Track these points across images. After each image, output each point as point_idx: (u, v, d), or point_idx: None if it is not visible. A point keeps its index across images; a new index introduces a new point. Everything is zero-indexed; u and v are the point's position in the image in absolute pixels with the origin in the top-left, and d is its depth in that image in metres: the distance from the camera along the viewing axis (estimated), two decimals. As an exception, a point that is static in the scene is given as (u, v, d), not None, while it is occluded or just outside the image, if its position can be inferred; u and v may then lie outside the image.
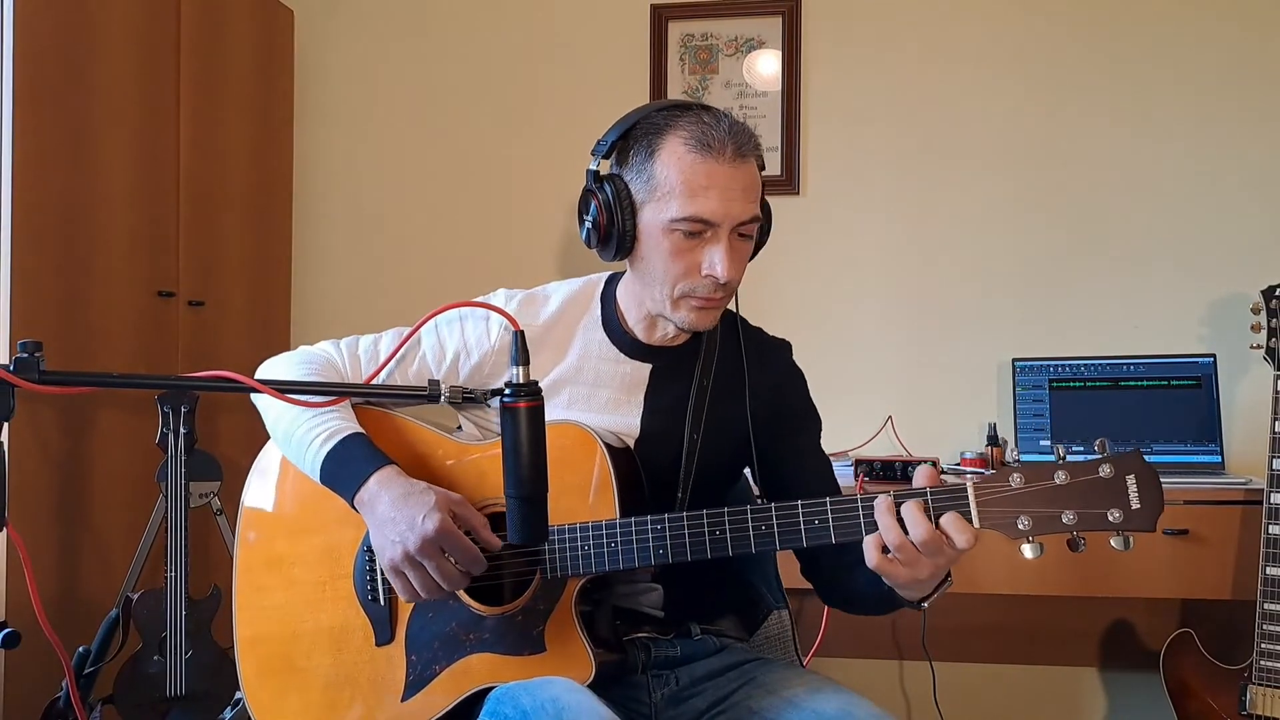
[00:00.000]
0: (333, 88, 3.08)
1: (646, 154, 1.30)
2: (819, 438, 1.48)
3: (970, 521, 1.14)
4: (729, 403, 1.42)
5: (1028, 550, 1.13)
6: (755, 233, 1.33)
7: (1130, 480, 1.13)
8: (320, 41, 3.08)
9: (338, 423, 1.29)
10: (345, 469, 1.26)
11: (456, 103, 3.02)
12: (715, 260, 1.27)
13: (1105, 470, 1.14)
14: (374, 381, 1.32)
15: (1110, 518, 1.12)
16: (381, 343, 1.42)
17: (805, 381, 1.49)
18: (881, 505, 1.15)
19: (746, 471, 1.52)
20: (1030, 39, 2.76)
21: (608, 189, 1.32)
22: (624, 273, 1.43)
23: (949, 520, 1.13)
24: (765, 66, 2.86)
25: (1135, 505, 1.12)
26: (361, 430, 1.30)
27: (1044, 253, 2.74)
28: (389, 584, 1.31)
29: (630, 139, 1.33)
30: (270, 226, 2.95)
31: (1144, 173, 2.70)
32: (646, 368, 1.41)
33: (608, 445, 1.30)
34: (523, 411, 1.10)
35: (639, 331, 1.41)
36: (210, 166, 2.66)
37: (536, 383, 1.12)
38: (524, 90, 2.98)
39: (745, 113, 2.83)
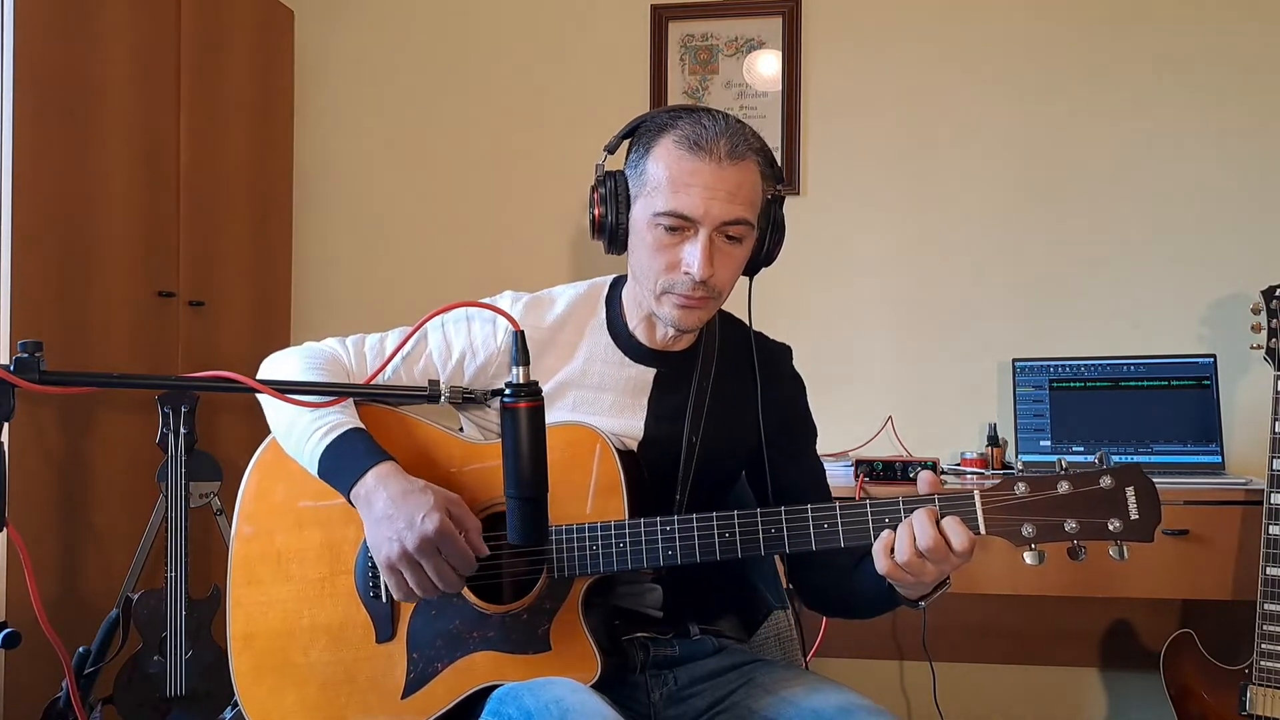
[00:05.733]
0: (333, 88, 3.08)
1: (643, 151, 1.32)
2: (815, 444, 1.51)
3: (977, 528, 1.17)
4: (732, 407, 1.43)
5: (1030, 558, 1.17)
6: (746, 237, 1.32)
7: (1130, 492, 1.17)
8: (320, 41, 3.08)
9: (338, 417, 1.29)
10: (343, 463, 1.26)
11: (456, 103, 3.02)
12: (691, 258, 1.28)
13: (1106, 482, 1.17)
14: (379, 378, 1.32)
15: (1110, 527, 1.16)
16: (387, 340, 1.43)
17: (805, 388, 1.51)
18: (911, 518, 1.17)
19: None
20: (1030, 39, 2.76)
21: (608, 183, 1.35)
22: (627, 275, 1.44)
23: (948, 524, 1.16)
24: (765, 67, 2.86)
25: (1134, 516, 1.16)
26: (362, 426, 1.30)
27: (1044, 252, 2.75)
28: None
29: (634, 137, 1.36)
30: (270, 226, 2.96)
31: (1144, 173, 2.70)
32: (651, 372, 1.41)
33: (616, 448, 1.30)
34: (523, 412, 1.10)
35: (640, 333, 1.41)
36: (210, 166, 2.66)
37: (536, 383, 1.12)
38: (524, 90, 2.98)
39: (745, 113, 2.84)
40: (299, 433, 1.30)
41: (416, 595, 1.23)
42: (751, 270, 1.40)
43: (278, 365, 1.40)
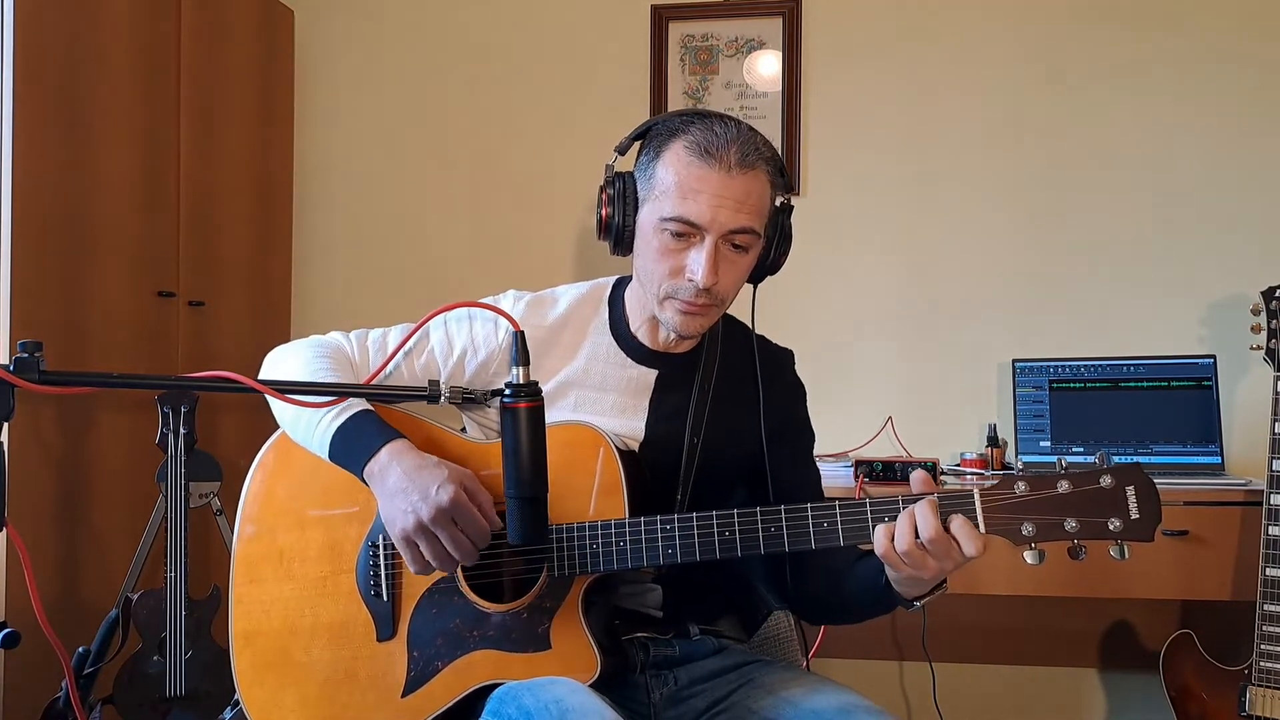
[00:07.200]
0: (333, 88, 3.08)
1: (653, 154, 1.33)
2: (812, 449, 1.52)
3: (977, 527, 1.16)
4: (733, 410, 1.43)
5: (1030, 557, 1.17)
6: (752, 245, 1.32)
7: (1130, 491, 1.16)
8: (320, 41, 3.08)
9: (346, 400, 1.29)
10: (356, 442, 1.27)
11: (456, 103, 3.02)
12: (696, 264, 1.28)
13: (1106, 481, 1.17)
14: (382, 374, 1.33)
15: (1111, 527, 1.16)
16: (390, 336, 1.43)
17: (806, 394, 1.52)
18: (913, 508, 1.17)
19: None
20: (1030, 40, 2.76)
21: (617, 184, 1.35)
22: (631, 276, 1.44)
23: (959, 525, 1.15)
24: (765, 67, 2.86)
25: (1135, 515, 1.16)
26: (371, 408, 1.31)
27: (1044, 253, 2.74)
28: (393, 579, 1.32)
29: (645, 139, 1.36)
30: (270, 226, 2.96)
31: (1144, 173, 2.70)
32: (653, 373, 1.42)
33: (616, 447, 1.31)
34: (523, 412, 1.11)
35: (644, 335, 1.42)
36: (210, 166, 2.66)
37: (536, 383, 1.13)
38: (524, 91, 2.99)
39: (745, 113, 2.83)
40: (308, 418, 1.30)
41: (432, 567, 1.24)
42: (756, 278, 1.41)
43: (283, 357, 1.40)
